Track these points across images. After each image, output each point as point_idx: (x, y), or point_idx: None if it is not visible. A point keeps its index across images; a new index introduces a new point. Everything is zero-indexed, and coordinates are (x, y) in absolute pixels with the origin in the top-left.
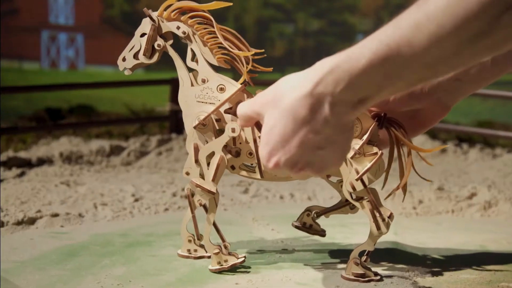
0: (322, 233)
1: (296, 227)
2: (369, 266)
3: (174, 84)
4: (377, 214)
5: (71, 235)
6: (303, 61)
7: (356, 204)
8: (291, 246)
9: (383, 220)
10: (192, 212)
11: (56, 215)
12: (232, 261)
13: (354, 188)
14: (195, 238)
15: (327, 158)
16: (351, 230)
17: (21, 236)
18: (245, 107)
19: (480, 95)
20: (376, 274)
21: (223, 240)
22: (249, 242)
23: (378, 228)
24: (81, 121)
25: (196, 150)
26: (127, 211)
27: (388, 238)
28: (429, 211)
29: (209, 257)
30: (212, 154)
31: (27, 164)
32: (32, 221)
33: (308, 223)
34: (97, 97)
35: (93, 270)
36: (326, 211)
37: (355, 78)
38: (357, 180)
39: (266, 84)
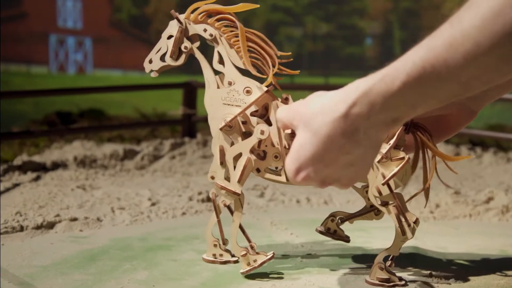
0: (346, 239)
1: (320, 232)
2: (393, 271)
3: (187, 88)
4: (403, 219)
5: (90, 239)
6: (312, 65)
7: (382, 209)
8: (311, 251)
9: (409, 225)
10: (218, 216)
11: (74, 219)
12: (261, 259)
13: (380, 193)
14: (221, 242)
15: (355, 173)
16: (370, 235)
17: (41, 240)
18: (282, 114)
19: None
20: (400, 279)
21: (249, 241)
22: (269, 246)
23: (404, 233)
24: (94, 125)
25: (222, 152)
26: (144, 215)
27: (408, 242)
28: (447, 215)
29: (234, 262)
30: (238, 156)
31: (42, 168)
32: (51, 225)
33: (332, 228)
34: (106, 101)
35: (115, 274)
36: (350, 217)
37: (390, 100)
38: (383, 184)
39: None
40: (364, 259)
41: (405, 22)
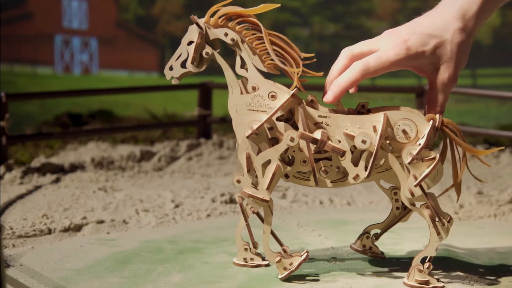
0: (381, 255)
1: (356, 250)
2: (432, 273)
3: (202, 89)
4: (437, 219)
5: (119, 242)
6: (319, 65)
7: (415, 209)
8: (343, 253)
9: (443, 225)
10: (246, 220)
11: (101, 221)
12: (297, 261)
13: (412, 194)
14: (251, 246)
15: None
16: (399, 236)
17: (70, 243)
18: (402, 46)
19: (498, 98)
20: (439, 280)
21: (281, 245)
22: (299, 249)
23: (438, 233)
24: (108, 127)
25: (249, 159)
26: (169, 217)
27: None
28: (471, 216)
29: (266, 265)
30: (267, 163)
31: (60, 170)
32: (78, 228)
33: (368, 245)
34: (112, 102)
35: (150, 277)
36: (384, 230)
37: (478, 12)
38: (416, 186)
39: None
40: (395, 261)
41: None
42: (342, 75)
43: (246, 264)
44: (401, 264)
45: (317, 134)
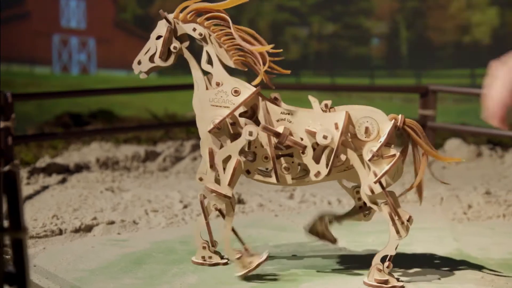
0: (333, 241)
1: (309, 232)
2: (392, 272)
3: None
4: (396, 218)
5: (130, 242)
6: (318, 65)
7: (374, 207)
8: (353, 252)
9: (402, 223)
10: (206, 218)
11: (111, 222)
12: (256, 261)
13: (372, 191)
14: (210, 245)
15: None
16: (409, 236)
17: (82, 244)
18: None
19: None
20: (398, 280)
21: (243, 243)
22: (316, 253)
23: (398, 231)
24: (113, 127)
25: (211, 155)
26: (179, 218)
27: (450, 244)
28: (480, 216)
29: (224, 264)
30: (228, 158)
31: (66, 170)
32: (89, 228)
33: (321, 230)
34: (110, 101)
35: (165, 278)
36: (340, 218)
37: None
38: (375, 182)
39: (275, 87)
40: (406, 261)
41: (412, 22)
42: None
43: (204, 263)
44: (410, 264)
45: (280, 129)
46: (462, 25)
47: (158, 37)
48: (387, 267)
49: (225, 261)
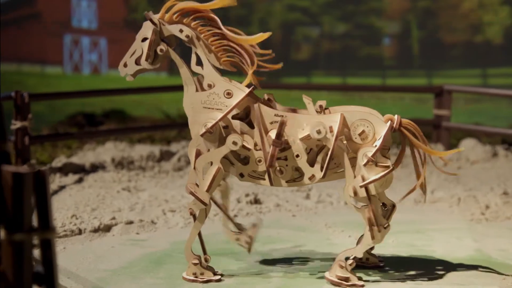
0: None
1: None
2: (353, 271)
3: None
4: (375, 223)
5: (150, 242)
6: (329, 65)
7: (355, 209)
8: (376, 254)
9: (379, 231)
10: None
11: (130, 222)
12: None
13: (355, 194)
14: (201, 260)
15: None
16: (428, 237)
17: (101, 243)
18: None
19: (509, 97)
20: (360, 279)
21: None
22: (332, 250)
23: (373, 237)
24: (127, 127)
25: (198, 156)
26: None
27: (470, 245)
28: (498, 216)
29: (217, 280)
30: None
31: (82, 170)
32: (108, 228)
33: (364, 256)
34: (122, 101)
35: (180, 281)
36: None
37: None
38: (361, 187)
39: (285, 87)
40: (425, 262)
41: (423, 22)
42: None
43: (196, 279)
44: (430, 266)
45: (273, 133)
46: (474, 24)
47: (144, 39)
48: (350, 264)
49: (218, 277)
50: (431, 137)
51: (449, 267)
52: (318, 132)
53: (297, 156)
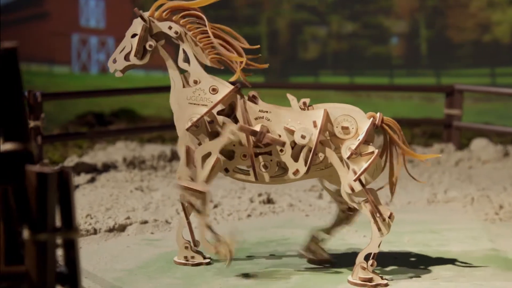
0: (329, 259)
1: (305, 256)
2: (376, 270)
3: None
4: (377, 215)
5: (165, 242)
6: (337, 64)
7: (355, 205)
8: (391, 254)
9: (384, 220)
10: (187, 218)
11: (145, 222)
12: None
13: (352, 190)
14: (192, 244)
15: None
16: (443, 237)
17: (116, 243)
18: None
19: None
20: (382, 278)
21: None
22: (346, 250)
23: (380, 229)
24: (137, 126)
25: (188, 152)
26: (210, 218)
27: (486, 245)
28: None
29: (207, 263)
30: (207, 155)
31: (94, 169)
32: (122, 228)
33: (315, 249)
34: (129, 100)
35: (204, 279)
36: (329, 231)
37: None
38: (355, 180)
39: (293, 87)
40: (442, 262)
41: (432, 21)
42: None
43: (187, 263)
44: (449, 265)
45: (257, 127)
46: (482, 24)
47: (133, 36)
48: (371, 265)
49: (207, 260)
50: (441, 136)
51: (466, 266)
52: (303, 137)
53: (281, 151)
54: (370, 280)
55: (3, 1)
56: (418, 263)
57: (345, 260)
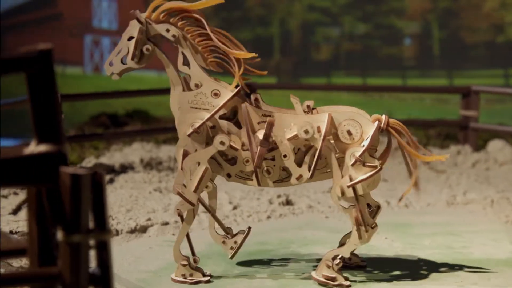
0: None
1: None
2: (340, 271)
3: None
4: (362, 223)
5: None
6: (349, 65)
7: (340, 208)
8: (413, 257)
9: (366, 231)
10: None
11: (165, 223)
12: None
13: (343, 193)
14: (190, 261)
15: None
16: (465, 239)
17: (138, 244)
18: None
19: None
20: (346, 279)
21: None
22: (369, 252)
23: (360, 237)
24: (151, 128)
25: (185, 157)
26: (230, 219)
27: (508, 247)
28: None
29: (206, 282)
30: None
31: (112, 170)
32: (144, 229)
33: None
34: (142, 101)
35: (228, 280)
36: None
37: None
38: (348, 187)
39: (305, 88)
40: (465, 263)
41: (444, 22)
42: None
43: (185, 281)
44: (469, 268)
45: (260, 133)
46: (496, 24)
47: (130, 38)
48: (337, 264)
49: (207, 278)
50: (457, 138)
51: (489, 269)
52: (306, 132)
53: (285, 156)
54: (333, 279)
55: (17, 2)
56: (442, 266)
57: (366, 261)
